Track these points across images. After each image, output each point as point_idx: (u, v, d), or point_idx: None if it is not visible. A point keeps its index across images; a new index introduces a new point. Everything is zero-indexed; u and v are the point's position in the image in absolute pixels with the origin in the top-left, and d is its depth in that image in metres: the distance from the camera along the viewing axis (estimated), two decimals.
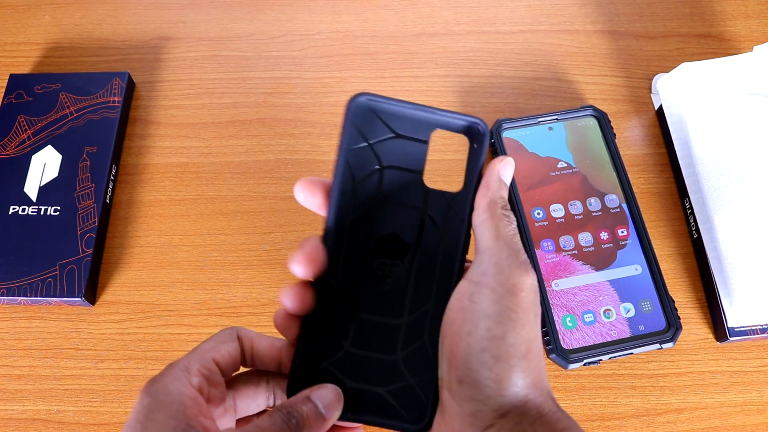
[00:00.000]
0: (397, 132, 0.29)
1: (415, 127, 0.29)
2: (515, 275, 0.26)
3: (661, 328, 0.45)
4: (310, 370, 0.29)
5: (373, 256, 0.29)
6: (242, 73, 0.57)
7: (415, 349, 0.29)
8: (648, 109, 0.55)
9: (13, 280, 0.47)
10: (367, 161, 0.29)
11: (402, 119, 0.29)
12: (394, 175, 0.29)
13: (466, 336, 0.26)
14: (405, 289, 0.29)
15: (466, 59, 0.58)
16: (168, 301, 0.49)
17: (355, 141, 0.29)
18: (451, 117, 0.29)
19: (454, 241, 0.29)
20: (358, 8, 0.61)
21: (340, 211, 0.29)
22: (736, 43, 0.58)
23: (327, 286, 0.29)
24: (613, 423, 0.44)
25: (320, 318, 0.29)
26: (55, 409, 0.45)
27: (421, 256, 0.29)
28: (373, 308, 0.29)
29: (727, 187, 0.48)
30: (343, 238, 0.29)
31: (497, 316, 0.25)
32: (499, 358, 0.25)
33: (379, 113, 0.29)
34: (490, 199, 0.28)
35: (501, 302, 0.26)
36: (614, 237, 0.48)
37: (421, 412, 0.28)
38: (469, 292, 0.27)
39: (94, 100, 0.54)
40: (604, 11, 0.60)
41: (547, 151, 0.51)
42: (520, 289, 0.26)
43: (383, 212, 0.29)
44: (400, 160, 0.29)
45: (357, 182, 0.29)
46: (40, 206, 0.50)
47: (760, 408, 0.45)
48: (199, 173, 0.53)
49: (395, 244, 0.29)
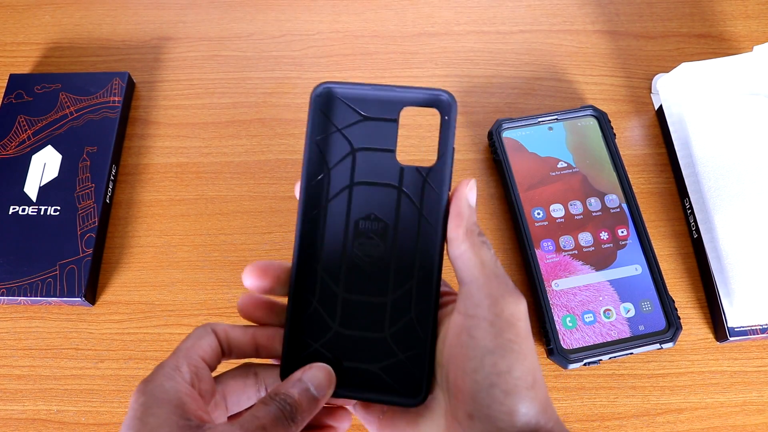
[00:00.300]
0: (365, 114, 0.30)
1: (383, 108, 0.29)
2: (510, 305, 0.27)
3: (661, 328, 0.45)
4: (300, 353, 0.30)
5: (354, 237, 0.30)
6: (242, 73, 0.57)
7: (402, 325, 0.29)
8: (648, 109, 0.55)
9: (13, 280, 0.47)
10: (338, 146, 0.30)
11: (368, 102, 0.30)
12: (366, 157, 0.30)
13: (471, 372, 0.26)
14: (387, 267, 0.29)
15: (466, 59, 0.58)
16: (168, 301, 0.49)
17: (324, 129, 0.30)
18: (415, 92, 0.29)
19: (434, 215, 0.29)
20: (358, 8, 0.61)
21: (313, 197, 0.30)
22: (736, 43, 0.58)
23: (310, 269, 0.30)
24: (613, 423, 0.44)
25: (305, 301, 0.30)
26: (55, 409, 0.45)
27: (400, 233, 0.29)
28: (357, 288, 0.30)
29: (727, 187, 0.48)
30: (319, 223, 0.30)
31: (500, 350, 0.26)
32: (509, 392, 0.25)
33: (344, 99, 0.30)
34: (466, 228, 0.28)
35: (502, 335, 0.26)
36: (614, 237, 0.48)
37: (416, 386, 0.29)
38: (466, 326, 0.27)
39: (94, 100, 0.54)
40: (604, 11, 0.60)
41: (547, 151, 0.51)
42: (517, 319, 0.26)
43: (359, 193, 0.30)
44: (370, 141, 0.30)
45: (330, 167, 0.30)
46: (40, 206, 0.50)
47: (760, 408, 0.45)
48: (199, 173, 0.53)
49: (374, 224, 0.30)
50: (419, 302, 0.29)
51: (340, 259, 0.30)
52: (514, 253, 0.50)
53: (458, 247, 0.28)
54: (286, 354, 0.29)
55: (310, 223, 0.30)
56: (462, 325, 0.27)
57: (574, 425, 0.44)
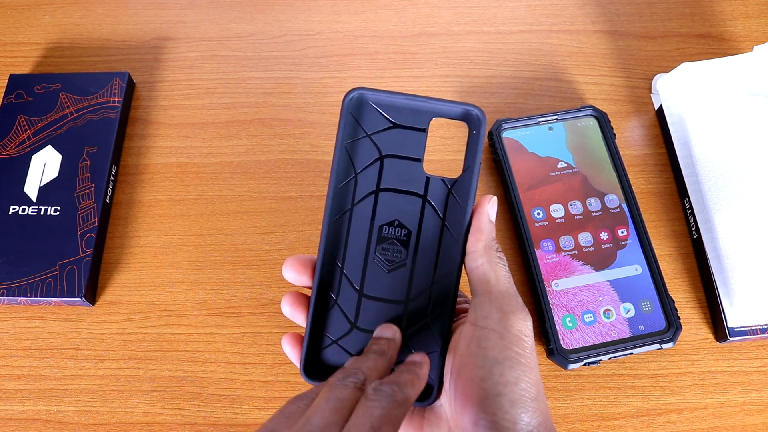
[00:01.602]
0: (395, 122, 0.30)
1: (413, 117, 0.30)
2: (518, 320, 0.28)
3: (661, 328, 0.45)
4: (320, 347, 0.31)
5: (377, 242, 0.30)
6: (242, 73, 0.57)
7: (418, 328, 0.31)
8: (648, 109, 0.55)
9: (13, 280, 0.47)
10: (367, 151, 0.30)
11: (399, 110, 0.30)
12: (394, 164, 0.30)
13: (479, 381, 0.27)
14: (408, 272, 0.30)
15: (466, 59, 0.58)
16: (168, 301, 0.49)
17: (354, 133, 0.30)
18: (448, 105, 0.30)
19: (457, 226, 0.30)
20: (358, 8, 0.61)
21: (341, 200, 0.30)
22: (736, 43, 0.58)
23: (334, 268, 0.31)
24: (613, 423, 0.44)
25: (328, 298, 0.31)
26: (55, 409, 0.45)
27: (423, 240, 0.30)
28: (378, 290, 0.31)
29: (727, 187, 0.48)
30: (345, 225, 0.30)
31: (508, 361, 0.27)
32: (514, 402, 0.27)
33: (376, 105, 0.30)
34: (486, 244, 0.29)
35: (510, 348, 0.27)
36: (614, 237, 0.48)
37: (428, 387, 0.30)
38: (476, 336, 0.28)
39: (94, 100, 0.54)
40: (604, 11, 0.60)
41: (547, 151, 0.51)
42: (525, 335, 0.28)
43: (385, 199, 0.30)
44: (399, 148, 0.30)
45: (358, 172, 0.30)
46: (40, 206, 0.50)
47: (760, 408, 0.45)
48: (199, 173, 0.53)
49: (397, 230, 0.30)
50: (436, 308, 0.30)
51: (363, 261, 0.31)
52: (514, 253, 0.50)
53: (475, 260, 0.29)
54: (307, 347, 0.31)
55: (336, 224, 0.31)
56: (472, 335, 0.28)
57: (574, 425, 0.44)
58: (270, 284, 0.49)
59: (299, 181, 0.53)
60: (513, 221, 0.49)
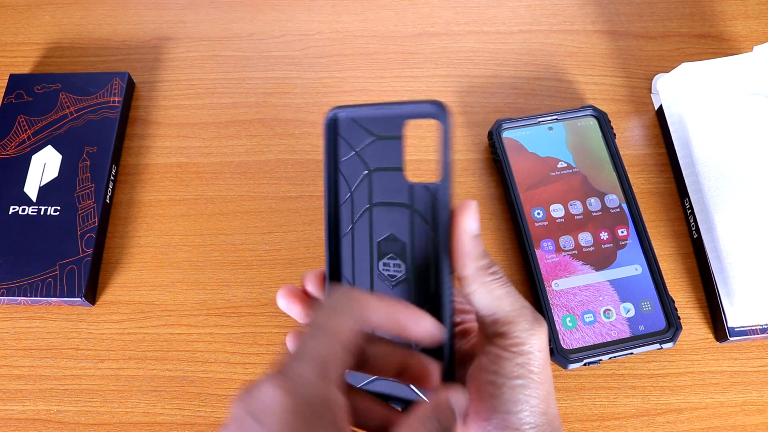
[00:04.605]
0: (376, 134, 0.30)
1: (388, 125, 0.30)
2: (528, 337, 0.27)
3: (661, 328, 0.45)
4: None
5: (378, 257, 0.30)
6: (242, 73, 0.57)
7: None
8: (648, 109, 0.55)
9: (13, 280, 0.47)
10: (356, 169, 0.30)
11: (375, 121, 0.30)
12: (381, 177, 0.30)
13: (488, 398, 0.27)
14: (408, 285, 0.30)
15: (466, 59, 0.58)
16: (168, 301, 0.49)
17: (344, 152, 0.30)
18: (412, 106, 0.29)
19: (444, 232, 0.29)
20: (358, 8, 0.61)
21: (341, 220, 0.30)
22: (736, 43, 0.58)
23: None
24: (613, 423, 0.44)
25: None
26: (55, 409, 0.45)
27: (416, 252, 0.30)
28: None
29: (727, 187, 0.48)
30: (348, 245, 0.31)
31: (520, 379, 0.27)
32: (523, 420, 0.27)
33: (356, 121, 0.30)
34: (476, 267, 0.27)
35: (523, 366, 0.27)
36: (614, 237, 0.48)
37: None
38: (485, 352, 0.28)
39: (94, 100, 0.54)
40: (604, 11, 0.60)
41: (547, 151, 0.51)
42: (537, 349, 0.27)
43: (379, 214, 0.30)
44: (382, 160, 0.30)
45: (353, 190, 0.30)
46: (40, 206, 0.50)
47: (760, 408, 0.45)
48: (199, 173, 0.53)
49: (393, 244, 0.30)
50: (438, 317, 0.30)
51: (370, 280, 0.31)
52: (514, 253, 0.50)
53: (468, 286, 0.28)
54: None
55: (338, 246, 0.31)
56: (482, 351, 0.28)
57: (574, 425, 0.44)
58: (270, 284, 0.49)
59: (299, 181, 0.53)
60: (513, 221, 0.49)
